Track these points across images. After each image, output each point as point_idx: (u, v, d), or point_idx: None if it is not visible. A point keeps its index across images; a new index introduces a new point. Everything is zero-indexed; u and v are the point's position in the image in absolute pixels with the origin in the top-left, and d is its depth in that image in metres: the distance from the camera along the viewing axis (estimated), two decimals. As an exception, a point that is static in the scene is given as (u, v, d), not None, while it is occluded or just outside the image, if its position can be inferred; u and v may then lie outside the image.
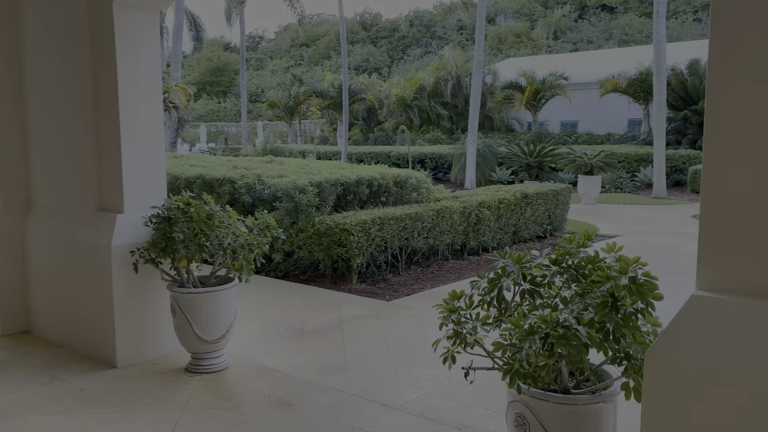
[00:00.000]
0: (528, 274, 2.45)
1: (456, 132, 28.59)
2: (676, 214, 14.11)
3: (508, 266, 2.48)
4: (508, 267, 2.48)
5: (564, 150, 15.97)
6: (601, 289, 2.15)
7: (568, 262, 2.39)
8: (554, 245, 8.78)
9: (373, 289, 6.89)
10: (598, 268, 2.32)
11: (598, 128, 27.19)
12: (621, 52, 32.41)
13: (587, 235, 2.45)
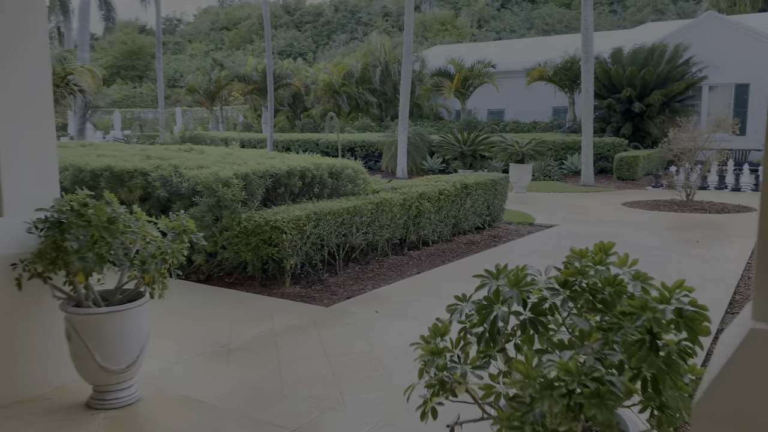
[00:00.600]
0: (529, 299, 1.89)
1: (385, 119, 28.06)
2: (606, 201, 14.16)
3: (504, 290, 1.91)
4: (504, 291, 1.91)
5: (496, 138, 15.74)
6: (636, 324, 1.62)
7: (581, 284, 1.84)
8: (562, 266, 8.40)
9: (309, 293, 6.22)
10: (619, 291, 1.79)
11: (524, 116, 27.35)
12: (546, 41, 32.79)
13: (604, 248, 1.91)
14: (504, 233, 9.86)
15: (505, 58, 28.56)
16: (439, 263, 7.66)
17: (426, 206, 8.18)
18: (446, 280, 6.78)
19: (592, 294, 1.81)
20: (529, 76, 25.01)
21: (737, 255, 8.16)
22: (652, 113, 21.84)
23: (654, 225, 10.82)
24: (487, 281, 2.00)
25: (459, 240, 9.16)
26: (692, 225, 10.77)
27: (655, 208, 12.97)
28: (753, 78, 22.22)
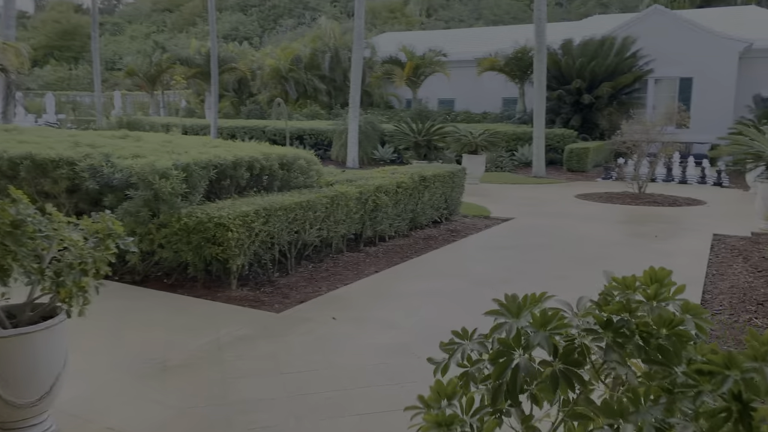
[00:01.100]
0: (560, 344, 1.44)
1: (335, 107, 27.39)
2: (559, 194, 14.03)
3: (531, 332, 1.45)
4: (531, 333, 1.45)
5: (450, 129, 15.39)
6: (722, 389, 1.19)
7: (628, 325, 1.41)
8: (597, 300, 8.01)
9: (258, 296, 5.66)
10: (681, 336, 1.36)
11: (475, 106, 27.20)
12: (497, 31, 32.72)
13: (657, 277, 1.47)
14: (461, 227, 9.49)
15: (456, 47, 28.29)
16: (397, 260, 7.21)
17: (383, 200, 7.71)
18: (407, 279, 6.33)
19: (644, 338, 1.38)
20: (480, 65, 24.80)
21: (696, 250, 8.04)
22: (600, 105, 21.99)
23: (610, 218, 10.69)
24: (503, 318, 1.54)
25: (417, 235, 8.74)
26: (647, 218, 10.69)
27: (609, 200, 12.90)
28: (696, 72, 22.66)
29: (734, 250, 8.10)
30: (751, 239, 8.87)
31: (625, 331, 1.40)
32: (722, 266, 7.15)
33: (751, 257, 7.62)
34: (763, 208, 9.51)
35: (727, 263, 7.32)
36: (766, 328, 4.91)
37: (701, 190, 14.87)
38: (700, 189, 15.24)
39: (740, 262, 7.35)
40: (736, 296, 5.84)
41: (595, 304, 1.50)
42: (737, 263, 7.32)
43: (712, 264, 7.26)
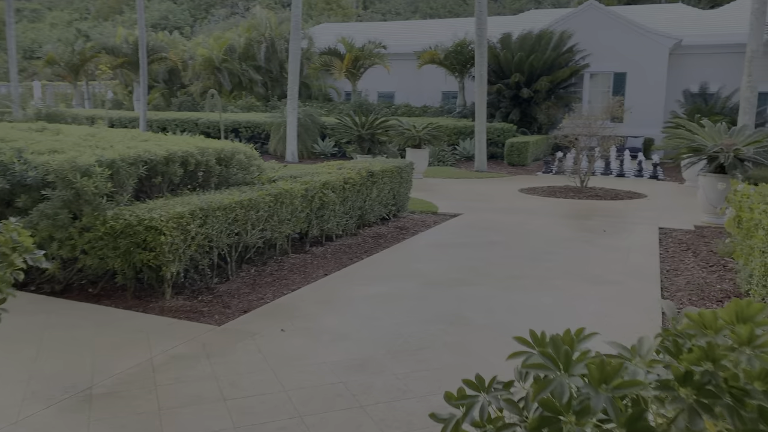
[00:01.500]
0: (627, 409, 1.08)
1: (272, 99, 26.59)
2: (503, 188, 13.95)
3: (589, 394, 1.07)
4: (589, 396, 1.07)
5: (394, 122, 15.06)
6: None
7: (716, 380, 1.06)
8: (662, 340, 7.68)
9: (196, 306, 5.12)
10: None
11: (415, 100, 27.02)
12: (436, 24, 32.62)
13: (743, 313, 1.12)
14: (410, 224, 9.16)
15: (396, 40, 28.00)
16: (347, 261, 6.79)
17: (330, 197, 7.27)
18: (359, 282, 5.92)
19: (736, 397, 1.04)
20: (420, 59, 24.59)
21: (645, 244, 8.00)
22: (539, 99, 22.20)
23: (556, 213, 10.62)
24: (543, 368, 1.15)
25: (365, 233, 8.34)
26: (592, 212, 10.68)
27: (552, 194, 12.90)
28: (630, 67, 23.20)
29: (682, 244, 8.11)
30: (695, 232, 8.95)
31: (712, 389, 1.04)
32: (674, 261, 7.10)
33: (700, 251, 7.63)
34: (705, 202, 9.63)
35: (678, 258, 7.28)
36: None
37: (639, 184, 15.14)
38: (637, 182, 15.52)
39: (691, 257, 7.33)
40: (695, 293, 5.74)
41: (665, 349, 1.14)
42: (688, 258, 7.29)
43: (664, 259, 7.21)
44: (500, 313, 5.01)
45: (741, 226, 5.75)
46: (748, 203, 5.15)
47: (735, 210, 5.79)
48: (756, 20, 14.86)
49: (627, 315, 5.05)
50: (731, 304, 1.12)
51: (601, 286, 5.89)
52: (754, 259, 4.69)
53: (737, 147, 9.12)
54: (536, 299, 5.43)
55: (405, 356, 4.05)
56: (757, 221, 4.55)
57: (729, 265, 6.81)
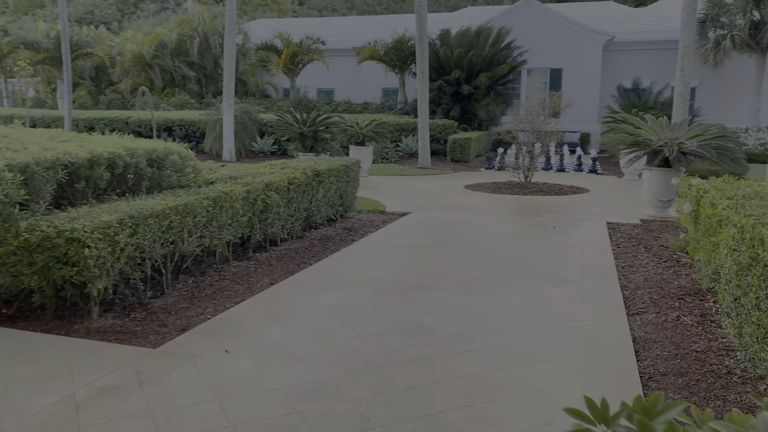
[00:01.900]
0: None
1: (207, 96, 25.62)
2: (448, 185, 13.76)
3: None
4: None
5: (337, 119, 14.63)
6: None
7: None
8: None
9: (127, 325, 4.58)
10: None
11: (355, 96, 26.64)
12: (375, 20, 32.29)
13: None
14: (358, 225, 8.79)
15: (335, 36, 27.52)
16: (294, 268, 6.35)
17: (274, 199, 6.80)
18: (308, 292, 5.50)
19: None
20: (359, 55, 24.21)
21: (596, 240, 7.91)
22: (479, 96, 22.22)
23: (504, 209, 10.47)
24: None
25: (312, 235, 7.90)
26: (539, 208, 10.60)
27: (498, 191, 12.79)
28: (565, 63, 23.56)
29: (632, 239, 8.07)
30: (643, 227, 8.95)
31: None
32: (628, 257, 7.01)
33: (651, 246, 7.59)
34: (650, 196, 9.67)
35: (631, 254, 7.20)
36: (695, 326, 4.65)
37: (580, 178, 15.27)
38: (578, 177, 15.67)
39: (643, 252, 7.27)
40: (654, 290, 5.62)
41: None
42: (640, 253, 7.22)
43: (618, 255, 7.11)
44: (463, 320, 4.70)
45: (699, 221, 5.66)
46: (709, 198, 5.03)
47: (692, 205, 5.70)
48: (687, 16, 15.23)
49: (594, 319, 4.85)
50: None
51: (562, 287, 5.69)
52: (719, 256, 4.56)
53: (680, 141, 9.19)
54: (499, 303, 5.16)
55: (366, 376, 3.68)
56: (724, 217, 4.41)
57: (682, 260, 6.77)
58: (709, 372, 3.82)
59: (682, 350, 4.19)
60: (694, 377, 3.76)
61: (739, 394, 3.51)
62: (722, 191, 5.28)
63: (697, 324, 4.68)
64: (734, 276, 3.87)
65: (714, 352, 4.13)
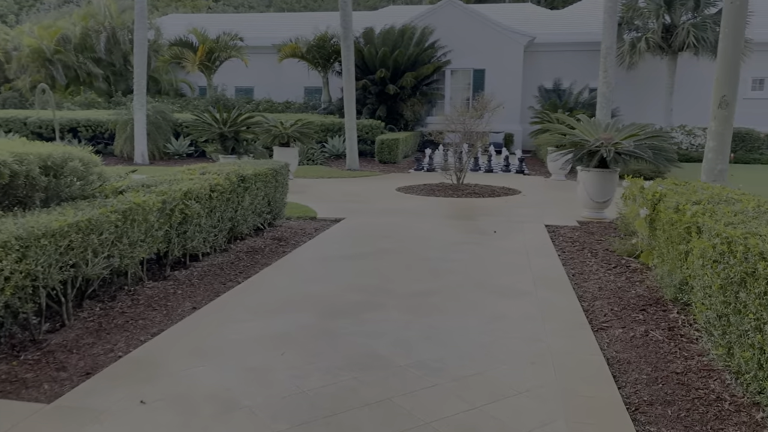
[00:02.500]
0: None
1: (116, 95, 23.94)
2: (379, 187, 13.26)
3: None
4: None
5: (260, 119, 13.78)
6: None
7: None
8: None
9: (16, 371, 3.74)
10: None
11: (276, 95, 25.70)
12: (297, 17, 31.33)
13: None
14: (289, 234, 8.10)
15: (254, 33, 26.46)
16: (219, 288, 5.61)
17: (194, 208, 6.02)
18: (238, 317, 4.79)
19: None
20: (280, 52, 23.32)
21: (540, 245, 7.62)
22: (405, 96, 21.89)
23: (441, 213, 10.07)
24: None
25: (238, 247, 7.15)
26: (476, 211, 10.27)
27: (431, 193, 12.41)
28: (488, 64, 23.64)
29: (575, 243, 7.83)
30: (582, 229, 8.77)
31: None
32: (576, 263, 6.72)
33: (596, 250, 7.36)
34: (585, 197, 9.53)
35: (578, 259, 6.92)
36: (666, 341, 4.33)
37: (509, 179, 15.18)
38: (507, 177, 15.58)
39: (590, 257, 7.01)
40: (613, 301, 5.30)
41: None
42: (587, 258, 6.96)
43: (565, 261, 6.80)
44: (421, 347, 4.16)
45: (656, 226, 5.39)
46: (672, 203, 4.73)
47: (648, 209, 5.42)
48: (609, 18, 15.44)
49: (560, 337, 4.44)
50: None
51: (517, 300, 5.27)
52: (689, 266, 4.25)
53: (616, 141, 9.08)
54: (456, 324, 4.65)
55: (315, 428, 3.06)
56: (694, 224, 4.09)
57: (632, 266, 6.53)
58: (697, 399, 3.46)
59: (661, 372, 3.83)
60: (684, 406, 3.38)
61: (737, 426, 3.15)
62: (682, 195, 5.01)
63: (667, 339, 4.36)
64: (718, 291, 3.54)
65: (695, 373, 3.79)
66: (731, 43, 7.93)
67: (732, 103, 8.06)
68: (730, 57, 7.96)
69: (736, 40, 7.91)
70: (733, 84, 8.02)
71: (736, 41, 7.91)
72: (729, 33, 7.93)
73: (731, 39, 7.92)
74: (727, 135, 8.15)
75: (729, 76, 8.00)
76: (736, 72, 8.00)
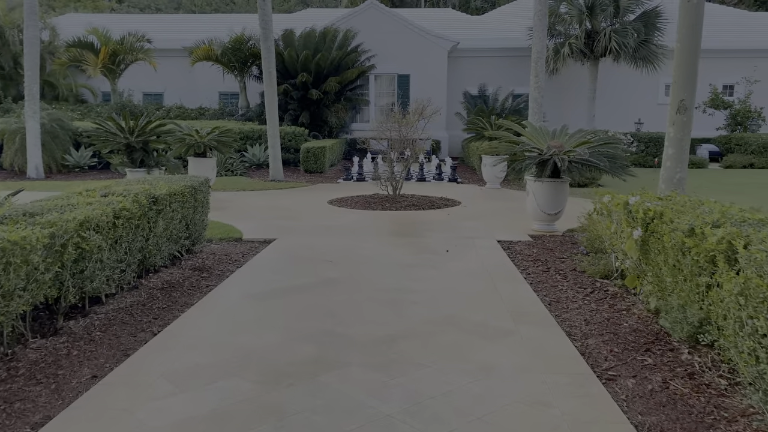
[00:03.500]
0: None
1: (5, 101, 21.48)
2: (309, 201, 12.19)
3: None
4: None
5: (172, 126, 12.37)
6: None
7: None
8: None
9: None
10: None
11: (189, 101, 24.00)
12: (210, 19, 29.50)
13: None
14: (212, 261, 6.91)
15: (164, 35, 24.64)
16: (129, 342, 4.41)
17: (94, 241, 4.78)
18: (157, 393, 3.63)
19: None
20: (193, 54, 21.72)
21: (499, 265, 6.85)
22: (328, 101, 20.89)
23: (382, 230, 9.15)
24: None
25: (151, 283, 5.91)
26: (420, 226, 9.43)
27: (367, 206, 11.47)
28: (413, 69, 23.03)
29: (537, 262, 7.11)
30: (538, 244, 8.10)
31: None
32: (547, 288, 5.97)
33: (563, 270, 6.66)
34: (535, 209, 8.89)
35: (548, 283, 6.18)
36: (694, 396, 3.58)
37: (443, 188, 14.50)
38: (440, 186, 14.89)
39: (560, 280, 6.29)
40: (608, 338, 4.54)
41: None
42: (557, 281, 6.23)
43: (535, 286, 6.04)
44: (403, 429, 3.19)
45: (650, 249, 4.69)
46: (683, 225, 4.01)
47: (641, 230, 4.71)
48: (539, 21, 15.12)
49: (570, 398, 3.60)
50: None
51: (502, 343, 4.41)
52: (715, 304, 3.52)
53: (568, 149, 8.50)
54: (440, 384, 3.71)
55: None
56: (727, 252, 3.37)
57: (608, 289, 5.85)
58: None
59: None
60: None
61: None
62: (682, 213, 4.32)
63: (694, 393, 3.61)
64: (750, 335, 2.80)
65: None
66: (689, 43, 7.49)
67: (690, 108, 7.62)
68: (687, 57, 7.52)
69: (694, 39, 7.48)
70: (691, 87, 7.59)
71: (693, 40, 7.48)
72: (686, 33, 7.49)
73: (689, 38, 7.48)
74: (686, 141, 7.71)
75: (687, 78, 7.56)
76: (694, 74, 7.57)
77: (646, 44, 20.38)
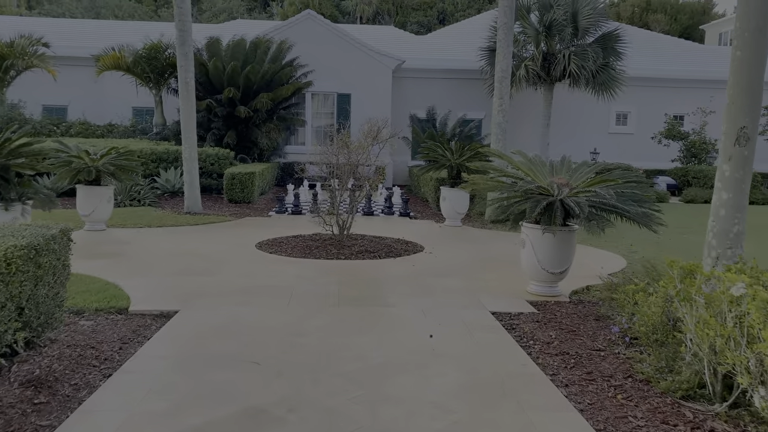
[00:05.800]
0: None
1: None
2: (233, 242, 9.56)
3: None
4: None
5: (53, 145, 9.53)
6: None
7: None
8: None
9: None
10: None
11: (96, 117, 20.83)
12: (122, 25, 26.25)
13: None
14: (64, 364, 4.26)
15: (68, 41, 21.42)
16: None
17: None
18: None
19: None
20: (99, 63, 18.68)
21: (513, 364, 4.58)
22: (259, 120, 18.32)
23: (332, 294, 6.69)
24: None
25: None
26: (382, 287, 7.06)
27: (307, 251, 8.98)
28: (354, 87, 20.84)
29: (566, 358, 4.87)
30: (547, 318, 5.88)
31: None
32: (613, 423, 3.70)
33: (614, 377, 4.42)
34: (535, 266, 6.70)
35: (609, 411, 3.91)
36: None
37: (395, 225, 12.20)
38: (392, 223, 12.58)
39: (624, 403, 4.04)
40: None
41: None
42: (619, 406, 3.99)
43: (588, 413, 3.77)
44: None
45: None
46: None
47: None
48: (504, 35, 13.20)
49: None
50: None
51: None
52: None
53: (582, 189, 6.37)
54: None
55: None
56: None
57: (696, 417, 3.65)
58: None
59: None
60: None
61: None
62: None
63: None
64: None
65: None
66: (752, 52, 5.54)
67: (753, 138, 5.66)
68: (749, 70, 5.57)
69: (761, 46, 5.54)
70: (755, 110, 5.64)
71: (760, 48, 5.54)
72: (749, 38, 5.54)
73: (753, 45, 5.53)
74: (747, 183, 5.74)
75: (750, 97, 5.61)
76: (759, 92, 5.63)
77: (605, 69, 18.99)
